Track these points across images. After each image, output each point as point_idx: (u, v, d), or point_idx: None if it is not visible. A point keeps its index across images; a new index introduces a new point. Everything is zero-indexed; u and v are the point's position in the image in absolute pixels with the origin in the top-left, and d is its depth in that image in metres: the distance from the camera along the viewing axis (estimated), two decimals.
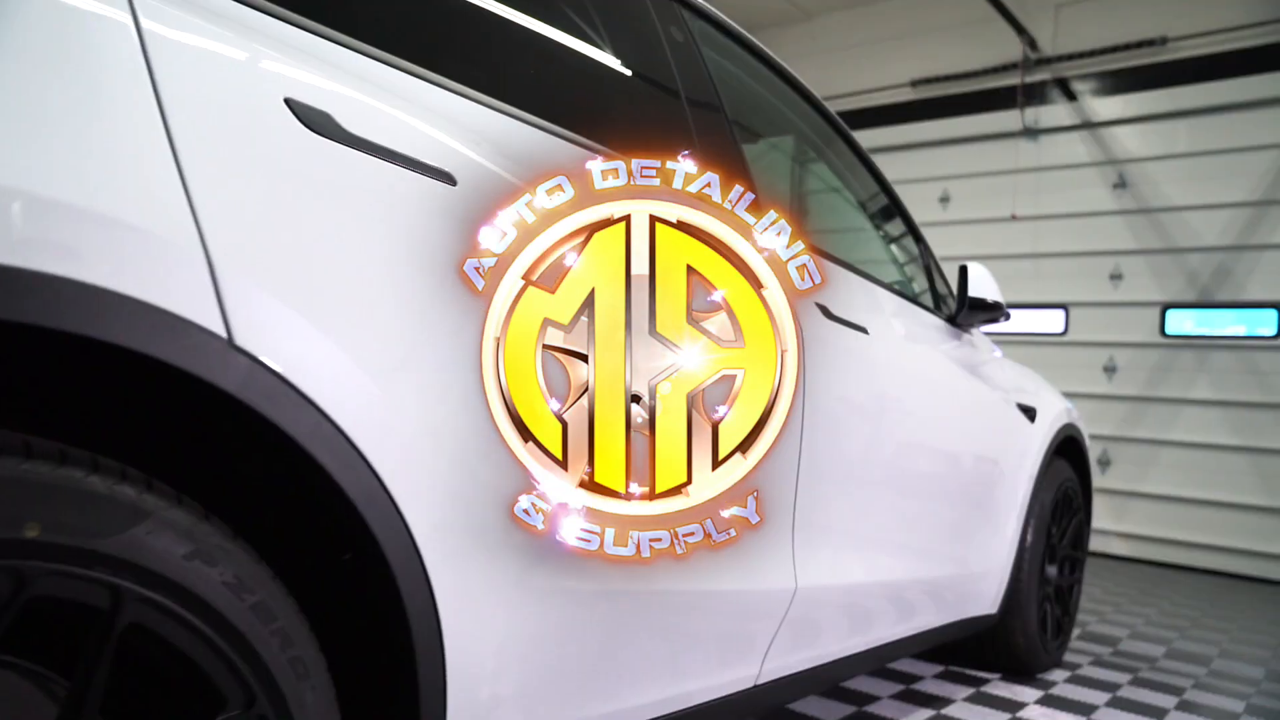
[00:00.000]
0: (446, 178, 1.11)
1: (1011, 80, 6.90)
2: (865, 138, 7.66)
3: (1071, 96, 6.72)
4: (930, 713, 2.55)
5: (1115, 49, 6.47)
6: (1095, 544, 6.29)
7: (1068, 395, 6.22)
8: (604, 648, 1.34)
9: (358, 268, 1.00)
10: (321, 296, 0.95)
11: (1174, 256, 6.23)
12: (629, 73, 1.68)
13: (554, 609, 1.26)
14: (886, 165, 7.61)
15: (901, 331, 2.18)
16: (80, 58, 0.81)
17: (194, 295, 0.82)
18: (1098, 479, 6.25)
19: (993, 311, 2.47)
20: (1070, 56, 6.68)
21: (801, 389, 1.58)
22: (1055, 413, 2.96)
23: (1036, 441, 2.77)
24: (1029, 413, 2.77)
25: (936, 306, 2.52)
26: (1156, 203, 6.31)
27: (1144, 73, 6.41)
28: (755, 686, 1.68)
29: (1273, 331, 5.80)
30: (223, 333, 0.84)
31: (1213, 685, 3.11)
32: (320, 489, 0.94)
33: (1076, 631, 3.77)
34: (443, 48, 1.27)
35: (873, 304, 2.01)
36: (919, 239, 2.62)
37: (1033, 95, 6.84)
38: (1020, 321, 6.78)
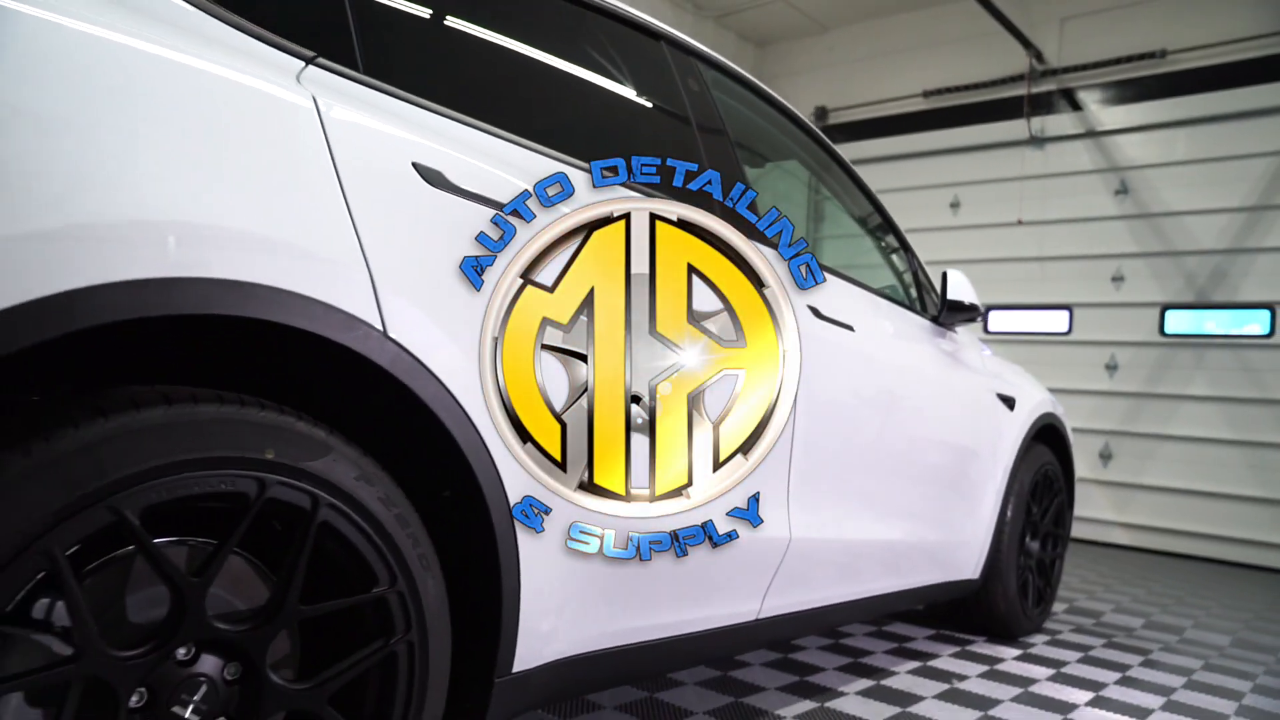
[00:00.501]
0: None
1: (1018, 91, 7.20)
2: (880, 146, 8.05)
3: (1076, 106, 7.01)
4: (918, 664, 2.90)
5: (1117, 61, 6.76)
6: (1097, 534, 6.62)
7: (1071, 392, 6.59)
8: (634, 577, 1.70)
9: (457, 282, 1.38)
10: (438, 302, 1.33)
11: (1173, 259, 6.52)
12: (654, 119, 2.06)
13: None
14: (899, 172, 8.00)
15: (888, 330, 2.54)
16: (283, 141, 1.20)
17: (362, 302, 1.21)
18: (1100, 472, 6.59)
19: (970, 312, 2.81)
20: (1075, 68, 6.97)
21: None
22: (1034, 402, 3.29)
23: (1015, 427, 3.12)
24: (1008, 401, 3.11)
25: (923, 308, 2.87)
26: (1156, 208, 6.60)
27: (1144, 84, 6.70)
28: (757, 620, 2.05)
29: (1266, 331, 6.08)
30: (380, 328, 1.22)
31: (1179, 649, 3.44)
32: (438, 439, 1.32)
33: (1064, 606, 4.11)
34: (513, 111, 1.66)
35: (858, 305, 2.37)
36: (907, 249, 2.96)
37: (1039, 105, 7.13)
38: (1026, 321, 7.12)
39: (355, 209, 1.23)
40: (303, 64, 1.30)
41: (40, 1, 1.00)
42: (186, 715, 1.09)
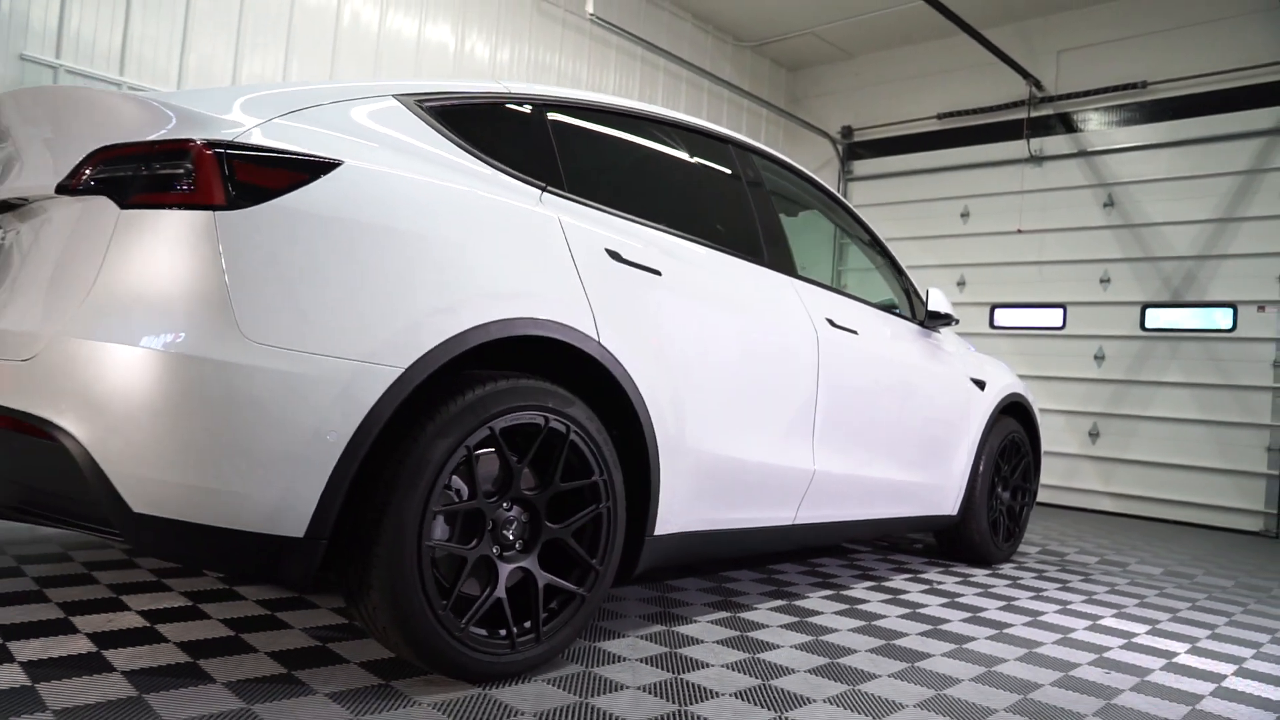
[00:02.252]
0: (657, 273, 2.57)
1: (1020, 115, 8.18)
2: (899, 162, 9.14)
3: (1070, 129, 7.97)
4: (909, 575, 3.97)
5: (1105, 90, 7.72)
6: (1087, 502, 7.61)
7: (1065, 379, 7.60)
8: (726, 485, 2.78)
9: (632, 311, 2.46)
10: (622, 323, 2.41)
11: (1152, 264, 7.49)
12: (727, 194, 3.14)
13: (707, 466, 2.69)
14: (918, 186, 9.09)
15: (885, 333, 3.59)
16: (545, 239, 2.29)
17: (588, 325, 2.30)
18: (1089, 449, 7.58)
19: (946, 318, 3.86)
20: (1069, 96, 7.94)
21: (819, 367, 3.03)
22: (1001, 385, 4.33)
23: (984, 403, 4.16)
24: (980, 384, 4.15)
25: (912, 315, 3.92)
26: (1138, 219, 7.56)
27: (1129, 110, 7.66)
28: (793, 524, 3.13)
29: (1229, 326, 7.04)
30: (596, 338, 2.31)
31: (1115, 574, 4.48)
32: (623, 399, 2.41)
33: (1038, 549, 5.14)
34: (652, 208, 2.74)
35: (862, 316, 3.44)
36: (901, 272, 4.00)
37: (1037, 128, 8.11)
38: (1027, 318, 8.10)
39: (581, 275, 2.32)
40: (540, 191, 2.39)
41: (411, 166, 2.10)
42: (509, 535, 2.18)
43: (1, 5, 4.77)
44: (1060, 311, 7.91)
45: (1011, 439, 4.42)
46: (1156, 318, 7.42)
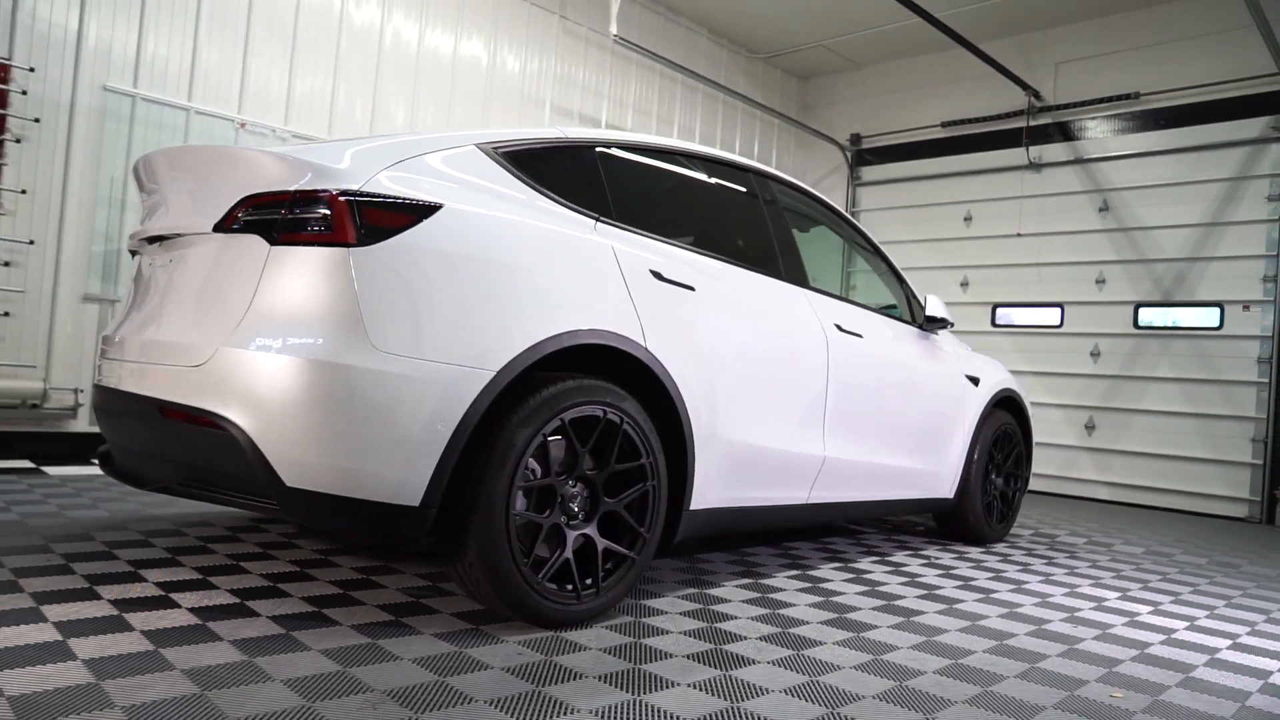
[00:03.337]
0: (690, 289, 3.04)
1: (1020, 124, 8.61)
2: (906, 168, 9.63)
3: (1067, 137, 8.39)
4: (910, 551, 4.43)
5: (1101, 100, 8.14)
6: (1084, 491, 8.05)
7: (1062, 375, 8.03)
8: (749, 468, 3.25)
9: (672, 321, 2.93)
10: (664, 332, 2.88)
11: (1144, 266, 7.91)
12: (748, 216, 3.61)
13: (734, 452, 3.16)
14: (923, 191, 9.58)
15: (887, 335, 4.05)
16: (602, 263, 2.77)
17: (637, 334, 2.77)
18: (1085, 440, 8.02)
19: (943, 322, 4.33)
20: (1066, 106, 8.36)
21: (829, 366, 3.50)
22: (994, 381, 4.78)
23: (978, 397, 4.62)
24: (974, 380, 4.61)
25: (912, 319, 4.38)
26: (1132, 223, 7.99)
27: (1123, 120, 8.07)
28: (806, 503, 3.60)
29: (1216, 324, 7.46)
30: (644, 344, 2.79)
31: (1099, 552, 4.94)
32: (660, 400, 2.88)
33: (1031, 531, 5.60)
34: (686, 231, 3.22)
35: (866, 320, 3.91)
36: (902, 280, 4.45)
37: (1036, 136, 8.54)
38: (1027, 316, 8.53)
39: (631, 292, 2.80)
40: (594, 221, 2.87)
41: (492, 205, 2.57)
42: (574, 507, 2.66)
43: (88, 38, 5.26)
44: (1058, 310, 8.34)
45: (1004, 430, 4.87)
46: (1149, 316, 7.84)
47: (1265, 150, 7.33)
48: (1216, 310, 7.48)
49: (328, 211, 2.32)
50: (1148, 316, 7.85)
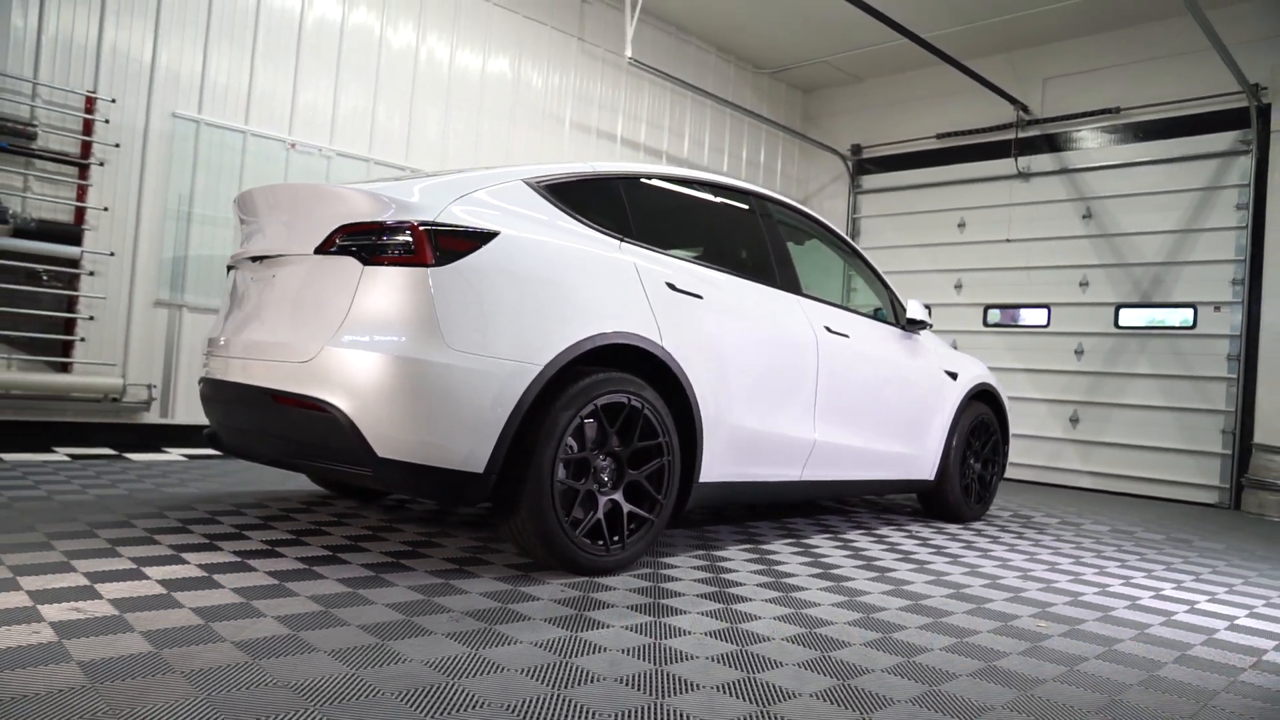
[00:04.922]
0: (699, 297, 3.63)
1: (1009, 136, 9.15)
2: (903, 177, 10.23)
3: (1053, 149, 8.93)
4: (895, 527, 5.00)
5: (1084, 114, 8.67)
6: (1069, 480, 8.59)
7: (1049, 371, 8.57)
8: (749, 448, 3.83)
9: (682, 324, 3.51)
10: (677, 333, 3.46)
11: (1124, 269, 8.44)
12: (749, 234, 4.19)
13: (736, 434, 3.75)
14: (920, 199, 10.20)
15: (872, 335, 4.63)
16: (627, 277, 3.35)
17: (655, 336, 3.35)
18: (1070, 433, 8.56)
19: (922, 324, 4.91)
20: (1052, 119, 8.90)
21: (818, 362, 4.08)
22: (971, 375, 5.35)
23: (956, 390, 5.19)
24: (952, 375, 5.18)
25: (895, 321, 4.95)
26: (1113, 229, 8.52)
27: (1105, 132, 8.61)
28: (799, 480, 4.18)
29: (1190, 324, 8.00)
30: (660, 343, 3.37)
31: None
32: (674, 390, 3.47)
33: (1009, 513, 6.16)
34: (694, 246, 3.80)
35: (853, 322, 4.48)
36: (886, 286, 5.02)
37: (1024, 148, 9.08)
38: (1015, 317, 9.06)
39: (650, 301, 3.38)
40: (619, 241, 3.45)
41: (537, 230, 3.16)
42: (604, 477, 3.24)
43: (159, 69, 5.88)
44: (1045, 311, 8.88)
45: (981, 420, 5.44)
46: (1128, 317, 8.38)
47: (1234, 162, 7.87)
48: (1190, 311, 8.02)
49: (410, 239, 2.92)
50: (1128, 317, 8.39)
